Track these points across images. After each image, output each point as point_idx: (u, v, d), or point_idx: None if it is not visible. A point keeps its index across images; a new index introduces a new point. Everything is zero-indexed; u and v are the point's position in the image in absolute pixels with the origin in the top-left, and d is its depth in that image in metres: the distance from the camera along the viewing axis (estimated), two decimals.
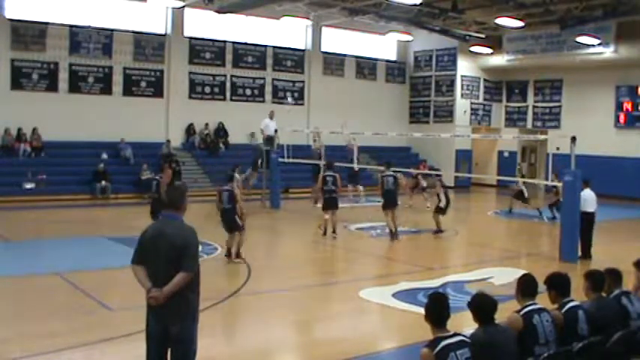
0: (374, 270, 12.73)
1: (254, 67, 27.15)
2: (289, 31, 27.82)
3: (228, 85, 26.58)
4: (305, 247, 14.97)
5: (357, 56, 30.23)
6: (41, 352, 6.91)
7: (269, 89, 27.59)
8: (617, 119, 26.70)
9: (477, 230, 16.05)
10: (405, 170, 22.39)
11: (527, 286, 5.19)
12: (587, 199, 12.89)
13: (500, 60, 29.24)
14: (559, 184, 14.44)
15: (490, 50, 28.66)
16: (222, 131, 26.07)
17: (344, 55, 29.77)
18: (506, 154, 30.82)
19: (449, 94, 30.44)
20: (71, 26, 22.98)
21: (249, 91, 27.11)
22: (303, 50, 28.56)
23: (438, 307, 4.51)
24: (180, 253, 4.87)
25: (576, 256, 12.71)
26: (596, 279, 5.70)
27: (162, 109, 25.02)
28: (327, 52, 29.22)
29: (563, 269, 6.49)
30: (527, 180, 28.34)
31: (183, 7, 23.84)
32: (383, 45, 30.84)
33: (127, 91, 24.24)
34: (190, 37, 25.56)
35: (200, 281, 5.05)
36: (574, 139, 13.04)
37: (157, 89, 24.93)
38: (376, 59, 30.91)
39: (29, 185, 20.79)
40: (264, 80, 27.45)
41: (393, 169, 15.93)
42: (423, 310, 4.57)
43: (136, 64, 24.42)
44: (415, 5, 22.70)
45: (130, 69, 24.30)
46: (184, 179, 22.53)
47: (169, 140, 24.37)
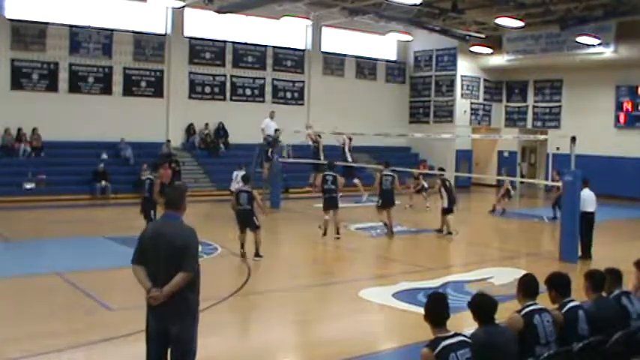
0: (374, 270, 12.73)
1: (254, 67, 27.15)
2: (289, 31, 27.82)
3: (228, 85, 26.59)
4: (305, 247, 14.97)
5: (357, 56, 30.24)
6: (41, 352, 6.90)
7: (269, 89, 27.59)
8: (617, 119, 26.70)
9: (477, 230, 16.05)
10: (406, 170, 22.48)
11: (528, 287, 5.19)
12: (586, 199, 12.89)
13: (500, 60, 29.24)
14: (558, 184, 14.45)
15: (490, 50, 28.66)
16: (222, 131, 26.07)
17: (344, 55, 29.77)
18: (506, 154, 30.82)
19: (449, 94, 30.44)
20: (71, 26, 22.98)
21: (249, 91, 27.11)
22: (303, 50, 28.57)
23: (437, 307, 4.51)
24: (180, 253, 4.87)
25: (576, 256, 12.71)
26: (597, 279, 5.69)
27: (162, 109, 25.02)
28: (327, 52, 29.23)
29: (563, 269, 6.50)
30: (527, 180, 28.60)
31: (183, 7, 23.84)
32: (383, 45, 30.84)
33: (127, 91, 24.24)
34: (190, 37, 25.56)
35: (200, 281, 5.06)
36: (574, 139, 13.05)
37: (157, 89, 24.93)
38: (376, 59, 30.91)
39: (29, 185, 20.79)
40: (264, 80, 27.45)
41: (392, 168, 15.95)
42: (423, 310, 4.57)
43: (136, 64, 24.42)
44: (415, 5, 22.70)
45: (130, 69, 24.30)
46: (184, 179, 22.57)
47: (169, 140, 24.38)
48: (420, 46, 31.04)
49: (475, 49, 28.66)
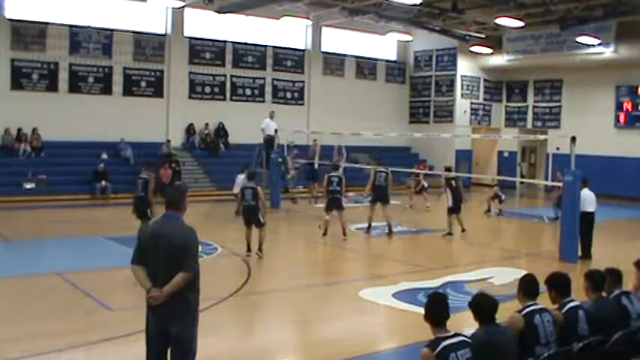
0: (374, 270, 12.72)
1: (254, 67, 27.14)
2: (289, 31, 27.82)
3: (228, 85, 26.58)
4: (305, 247, 14.98)
5: (357, 56, 30.23)
6: (41, 352, 6.90)
7: (269, 89, 27.59)
8: (617, 119, 26.70)
9: (477, 230, 16.03)
10: (407, 170, 22.53)
11: (529, 287, 5.19)
12: (586, 198, 12.88)
13: (500, 60, 29.24)
14: (560, 184, 14.43)
15: (490, 50, 28.66)
16: (222, 131, 26.07)
17: (344, 55, 29.77)
18: (506, 154, 30.83)
19: (449, 94, 30.44)
20: (71, 26, 22.97)
21: (249, 91, 27.11)
22: (303, 50, 28.56)
23: (437, 307, 4.51)
24: (180, 253, 4.87)
25: (576, 256, 12.71)
26: (597, 279, 5.70)
27: (162, 109, 25.01)
28: (327, 52, 29.22)
29: (563, 269, 6.50)
30: (527, 180, 28.59)
31: (183, 7, 23.84)
32: (383, 45, 30.83)
33: (127, 91, 24.23)
34: (190, 37, 25.56)
35: (200, 281, 5.06)
36: (574, 139, 13.05)
37: (157, 89, 24.93)
38: (376, 59, 30.91)
39: (29, 185, 20.78)
40: (264, 80, 27.44)
41: (386, 167, 16.15)
42: (423, 310, 4.57)
43: (136, 64, 24.42)
44: (415, 5, 22.71)
45: (130, 69, 24.30)
46: (184, 179, 22.57)
47: (169, 140, 24.37)
48: (420, 46, 31.04)
49: (475, 49, 28.66)
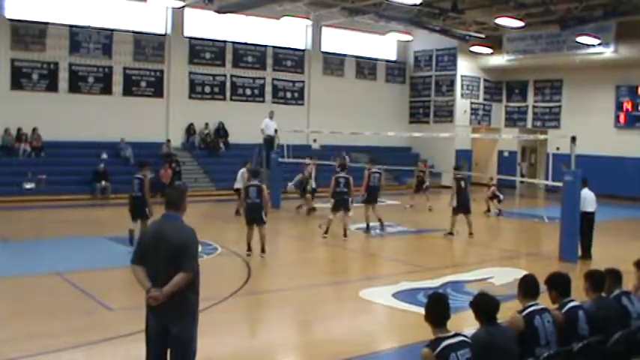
0: (374, 270, 12.73)
1: (254, 67, 27.14)
2: (289, 31, 27.82)
3: (228, 85, 26.58)
4: (305, 247, 14.97)
5: (357, 56, 30.23)
6: (41, 352, 6.90)
7: (269, 89, 27.59)
8: (617, 119, 26.70)
9: (477, 230, 16.03)
10: (411, 168, 22.59)
11: (529, 287, 5.19)
12: (586, 198, 12.87)
13: (500, 60, 29.23)
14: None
15: (490, 50, 28.66)
16: (222, 131, 26.07)
17: (344, 55, 29.76)
18: (506, 154, 30.84)
19: (449, 94, 30.44)
20: (71, 26, 22.97)
21: (249, 91, 27.11)
22: (303, 50, 28.56)
23: (438, 307, 4.51)
24: (180, 253, 4.87)
25: (576, 256, 12.70)
26: (596, 279, 5.70)
27: (162, 109, 25.01)
28: (327, 52, 29.22)
29: (563, 269, 6.49)
30: (527, 180, 28.58)
31: (183, 7, 23.84)
32: (383, 45, 30.83)
33: (127, 91, 24.24)
34: (190, 37, 25.55)
35: (200, 281, 5.05)
36: (574, 139, 13.04)
37: (157, 89, 24.92)
38: (376, 59, 30.91)
39: (29, 185, 20.77)
40: (264, 80, 27.45)
41: (378, 166, 16.27)
42: (423, 310, 4.57)
43: (136, 64, 24.42)
44: (415, 5, 22.70)
45: (130, 69, 24.29)
46: (184, 179, 22.58)
47: (169, 140, 24.38)
48: (420, 46, 31.04)
49: (475, 49, 28.66)
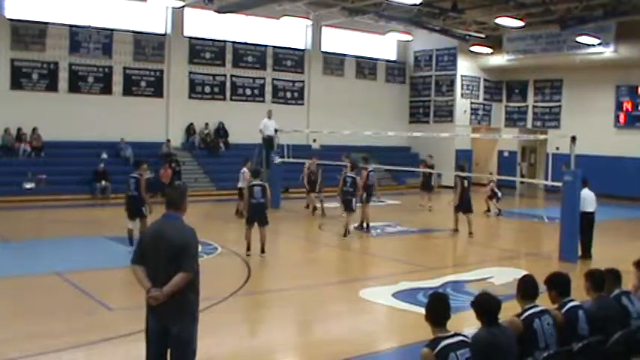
0: (374, 270, 12.73)
1: (254, 67, 27.14)
2: (289, 31, 27.81)
3: (228, 85, 26.58)
4: (305, 247, 14.98)
5: (357, 56, 30.23)
6: (41, 352, 6.90)
7: (269, 89, 27.59)
8: (617, 119, 26.70)
9: (477, 230, 16.04)
10: (408, 170, 22.58)
11: (528, 288, 5.17)
12: (586, 198, 12.88)
13: (500, 60, 29.23)
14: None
15: (490, 50, 28.66)
16: (222, 131, 26.07)
17: (344, 55, 29.76)
18: (506, 153, 30.83)
19: (449, 94, 30.44)
20: (71, 26, 22.96)
21: (249, 91, 27.11)
22: (303, 50, 28.56)
23: (439, 307, 4.51)
24: (180, 253, 4.87)
25: (576, 256, 12.71)
26: (597, 278, 5.69)
27: (162, 109, 25.01)
28: (327, 52, 29.22)
29: (563, 269, 6.50)
30: (527, 180, 28.58)
31: (183, 6, 23.84)
32: (383, 45, 30.83)
33: (127, 91, 24.23)
34: (190, 37, 25.55)
35: (200, 281, 5.05)
36: (574, 139, 13.05)
37: (157, 89, 24.92)
38: (376, 59, 30.90)
39: (29, 185, 20.77)
40: (264, 80, 27.44)
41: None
42: (423, 310, 4.56)
43: (136, 64, 24.41)
44: (415, 5, 22.70)
45: (130, 69, 24.29)
46: (184, 179, 22.57)
47: (169, 140, 24.38)
48: (420, 46, 31.03)
49: (475, 49, 28.65)
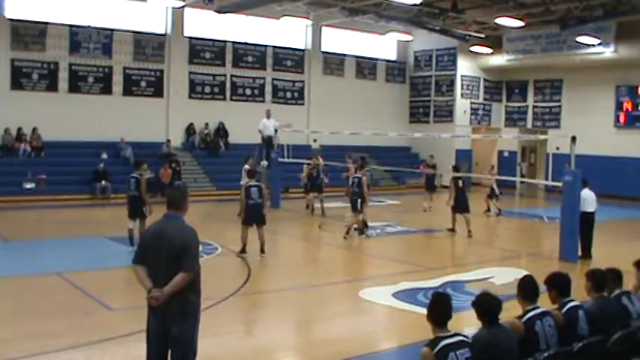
0: (374, 270, 12.72)
1: (254, 67, 27.15)
2: (289, 31, 27.81)
3: (228, 85, 26.58)
4: (305, 247, 14.98)
5: (357, 56, 30.23)
6: (41, 352, 6.90)
7: (269, 89, 27.59)
8: (617, 119, 26.71)
9: (477, 230, 16.04)
10: (408, 170, 22.61)
11: (528, 289, 5.14)
12: (586, 198, 12.88)
13: (500, 60, 29.24)
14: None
15: (490, 50, 28.66)
16: (222, 131, 26.08)
17: (344, 55, 29.77)
18: (506, 153, 30.84)
19: (449, 94, 30.44)
20: (71, 26, 22.97)
21: (249, 91, 27.11)
22: (303, 50, 28.56)
23: (441, 307, 4.51)
24: (181, 253, 4.87)
25: (576, 256, 12.70)
26: (598, 278, 5.69)
27: (162, 109, 25.01)
28: (327, 52, 29.22)
29: (563, 269, 6.49)
30: (527, 180, 28.58)
31: (183, 7, 23.83)
32: (383, 45, 30.83)
33: (127, 91, 24.24)
34: (190, 37, 25.56)
35: (200, 281, 5.05)
36: (574, 139, 13.04)
37: (157, 89, 24.93)
38: (376, 59, 30.91)
39: (29, 185, 20.78)
40: (264, 80, 27.45)
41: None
42: (423, 310, 4.56)
43: (136, 64, 24.42)
44: (415, 5, 22.71)
45: (130, 69, 24.30)
46: (184, 179, 22.56)
47: (169, 140, 24.38)
48: (420, 46, 31.04)
49: (475, 49, 28.66)
